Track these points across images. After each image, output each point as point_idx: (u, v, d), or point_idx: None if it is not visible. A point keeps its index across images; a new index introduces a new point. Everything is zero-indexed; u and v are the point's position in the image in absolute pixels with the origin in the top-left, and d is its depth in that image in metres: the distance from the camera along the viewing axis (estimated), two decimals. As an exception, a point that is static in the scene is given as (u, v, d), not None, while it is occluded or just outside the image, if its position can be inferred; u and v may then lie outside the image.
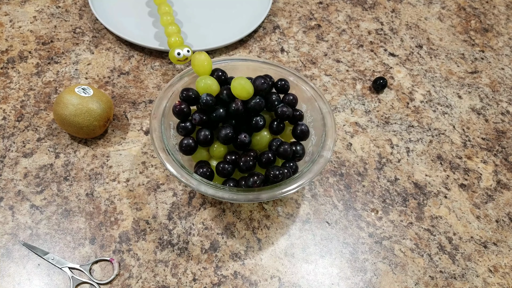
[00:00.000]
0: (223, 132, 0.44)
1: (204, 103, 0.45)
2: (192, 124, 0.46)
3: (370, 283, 0.46)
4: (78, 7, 0.70)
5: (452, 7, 0.80)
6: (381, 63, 0.68)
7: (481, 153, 0.59)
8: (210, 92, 0.46)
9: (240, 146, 0.46)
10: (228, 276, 0.45)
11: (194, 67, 0.48)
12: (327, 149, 0.45)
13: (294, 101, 0.49)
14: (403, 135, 0.60)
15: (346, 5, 0.77)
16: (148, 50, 0.65)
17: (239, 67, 0.52)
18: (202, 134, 0.45)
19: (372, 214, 0.51)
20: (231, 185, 0.45)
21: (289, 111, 0.46)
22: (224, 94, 0.46)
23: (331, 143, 0.46)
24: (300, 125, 0.47)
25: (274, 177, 0.42)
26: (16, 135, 0.53)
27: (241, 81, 0.44)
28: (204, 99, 0.45)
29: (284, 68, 0.52)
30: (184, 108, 0.46)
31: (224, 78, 0.49)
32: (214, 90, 0.46)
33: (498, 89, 0.68)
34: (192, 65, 0.48)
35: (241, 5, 0.73)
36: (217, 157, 0.47)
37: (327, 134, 0.47)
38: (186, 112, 0.46)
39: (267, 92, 0.47)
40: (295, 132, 0.48)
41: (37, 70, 0.60)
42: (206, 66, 0.47)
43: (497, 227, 0.52)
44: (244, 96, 0.44)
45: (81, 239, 0.46)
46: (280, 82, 0.49)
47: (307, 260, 0.47)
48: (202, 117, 0.45)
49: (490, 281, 0.48)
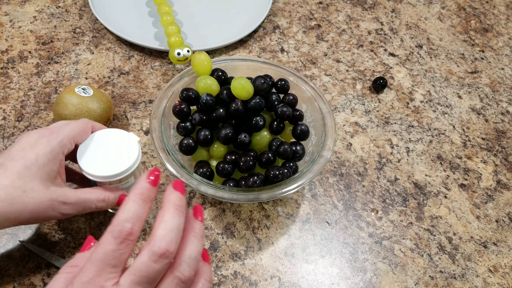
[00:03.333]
0: (223, 132, 0.44)
1: (204, 103, 0.45)
2: (192, 124, 0.46)
3: (370, 283, 0.46)
4: (78, 7, 0.70)
5: (452, 7, 0.80)
6: (381, 63, 0.68)
7: (481, 153, 0.59)
8: (210, 92, 0.45)
9: (240, 146, 0.46)
10: (228, 276, 0.45)
11: (194, 67, 0.48)
12: (327, 149, 0.45)
13: (294, 101, 0.49)
14: (403, 135, 0.60)
15: (346, 5, 0.77)
16: (148, 50, 0.65)
17: (239, 67, 0.52)
18: (202, 134, 0.45)
19: (372, 214, 0.51)
20: (231, 185, 0.45)
21: (289, 111, 0.46)
22: (224, 94, 0.46)
23: (331, 143, 0.46)
24: (300, 125, 0.47)
25: (274, 177, 0.42)
26: (16, 135, 0.53)
27: (241, 81, 0.44)
28: (204, 99, 0.44)
29: (284, 68, 0.52)
30: (184, 108, 0.46)
31: (224, 78, 0.49)
32: (214, 90, 0.46)
33: (498, 89, 0.68)
34: (192, 65, 0.48)
35: (241, 5, 0.73)
36: (217, 157, 0.47)
37: (327, 134, 0.47)
38: (186, 112, 0.46)
39: (267, 92, 0.47)
40: (295, 132, 0.48)
41: (37, 70, 0.60)
42: (206, 66, 0.47)
43: (497, 227, 0.52)
44: (244, 96, 0.44)
45: (81, 239, 0.46)
46: (280, 82, 0.49)
47: (307, 260, 0.47)
48: (202, 117, 0.45)
49: (490, 281, 0.48)
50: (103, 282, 0.25)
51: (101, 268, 0.24)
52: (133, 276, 0.25)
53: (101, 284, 0.24)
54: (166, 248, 0.25)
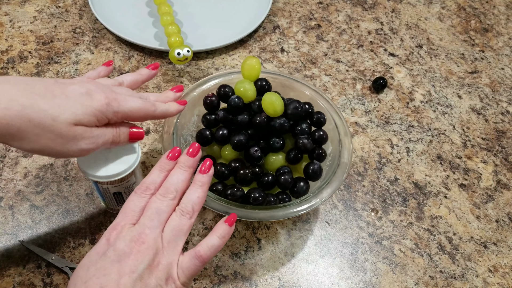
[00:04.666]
0: (236, 138, 0.44)
1: (232, 104, 0.45)
2: (215, 119, 0.47)
3: (370, 283, 0.46)
4: (78, 7, 0.70)
5: (452, 7, 0.80)
6: (381, 63, 0.68)
7: (481, 153, 0.59)
8: (245, 97, 0.46)
9: (249, 158, 0.45)
10: (228, 276, 0.45)
11: (242, 70, 0.48)
12: (325, 194, 0.43)
13: (322, 139, 0.46)
14: (403, 135, 0.60)
15: (346, 5, 0.77)
16: (148, 50, 0.65)
17: (293, 86, 0.52)
18: (220, 131, 0.46)
19: (372, 214, 0.51)
20: (213, 188, 0.44)
21: (310, 145, 0.44)
22: (256, 104, 0.46)
23: (326, 195, 0.43)
24: (314, 164, 0.45)
25: (252, 200, 0.42)
26: (16, 135, 0.53)
27: (272, 97, 0.43)
28: (233, 100, 0.45)
29: (332, 105, 0.50)
30: (214, 101, 0.47)
31: (267, 89, 0.48)
32: (249, 96, 0.46)
33: (498, 89, 0.68)
34: (242, 67, 0.48)
35: (241, 5, 0.73)
36: (224, 159, 0.47)
37: (333, 178, 0.44)
38: (215, 105, 0.47)
39: (298, 118, 0.45)
40: (307, 169, 0.45)
41: (37, 70, 0.60)
42: (253, 71, 0.47)
43: (497, 227, 0.52)
44: (270, 113, 0.44)
45: (81, 239, 0.46)
46: (317, 115, 0.47)
47: (307, 260, 0.47)
48: (226, 116, 0.46)
49: (490, 281, 0.48)
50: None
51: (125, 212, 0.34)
52: (147, 211, 0.33)
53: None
54: (147, 186, 0.34)
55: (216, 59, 0.65)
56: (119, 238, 0.31)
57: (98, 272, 0.30)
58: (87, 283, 0.29)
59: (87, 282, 0.29)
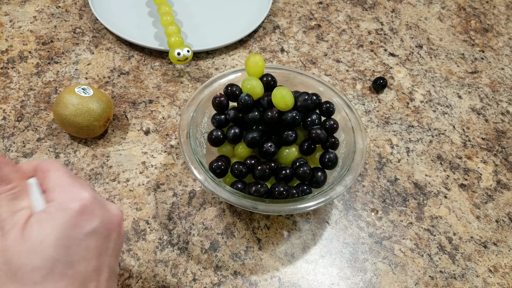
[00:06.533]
0: (250, 135, 0.44)
1: (242, 102, 0.45)
2: (226, 119, 0.47)
3: (370, 283, 0.46)
4: (78, 7, 0.70)
5: (452, 7, 0.80)
6: (381, 63, 0.68)
7: (481, 153, 0.59)
8: (254, 94, 0.46)
9: (264, 154, 0.45)
10: (228, 276, 0.45)
11: (247, 67, 0.48)
12: (342, 184, 0.43)
13: (334, 128, 0.47)
14: (403, 135, 0.60)
15: (346, 5, 0.77)
16: (148, 50, 0.65)
17: (294, 80, 0.52)
18: (232, 131, 0.46)
19: (372, 214, 0.51)
20: (238, 186, 0.44)
21: (323, 135, 0.45)
22: (265, 100, 0.46)
23: (349, 181, 0.44)
24: (329, 152, 0.45)
25: (278, 193, 0.42)
26: (16, 135, 0.54)
27: (282, 91, 0.43)
28: (243, 99, 0.45)
29: (338, 94, 0.51)
30: (223, 101, 0.47)
31: (273, 84, 0.49)
32: (257, 93, 0.46)
33: (498, 89, 0.68)
34: (246, 64, 0.48)
35: (241, 5, 0.73)
36: (239, 157, 0.48)
37: (350, 170, 0.45)
38: (224, 105, 0.47)
39: (308, 109, 0.46)
40: (322, 158, 0.46)
41: (37, 70, 0.60)
42: (258, 68, 0.47)
43: (497, 227, 0.52)
44: (282, 107, 0.44)
45: (81, 239, 0.46)
46: (326, 104, 0.48)
47: (307, 260, 0.47)
48: (237, 115, 0.46)
49: (490, 281, 0.48)
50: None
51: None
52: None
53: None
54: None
55: (216, 59, 0.65)
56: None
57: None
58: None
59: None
